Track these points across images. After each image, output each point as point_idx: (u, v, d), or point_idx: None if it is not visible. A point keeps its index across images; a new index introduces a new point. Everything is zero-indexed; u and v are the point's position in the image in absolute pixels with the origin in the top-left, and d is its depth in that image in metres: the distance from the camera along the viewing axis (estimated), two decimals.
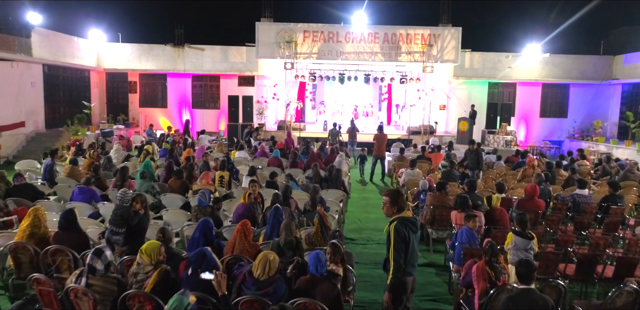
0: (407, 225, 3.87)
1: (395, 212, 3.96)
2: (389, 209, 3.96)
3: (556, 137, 21.86)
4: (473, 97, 21.57)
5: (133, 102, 21.89)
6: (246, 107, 20.10)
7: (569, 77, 21.41)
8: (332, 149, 12.34)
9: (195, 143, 13.00)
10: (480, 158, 10.86)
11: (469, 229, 5.72)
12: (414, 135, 20.16)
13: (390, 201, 3.94)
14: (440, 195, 7.44)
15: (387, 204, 3.96)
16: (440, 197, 7.42)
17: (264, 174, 9.65)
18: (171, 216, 6.99)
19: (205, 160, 9.90)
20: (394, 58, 20.03)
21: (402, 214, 3.95)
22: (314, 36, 19.94)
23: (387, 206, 3.97)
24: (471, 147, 11.24)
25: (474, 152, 11.00)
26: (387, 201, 3.97)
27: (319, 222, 5.21)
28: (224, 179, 8.98)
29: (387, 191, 4.04)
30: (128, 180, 8.31)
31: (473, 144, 11.19)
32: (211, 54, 21.43)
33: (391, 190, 4.05)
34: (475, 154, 10.91)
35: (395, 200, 3.94)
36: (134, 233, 5.44)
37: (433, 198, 7.38)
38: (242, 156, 12.93)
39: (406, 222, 3.89)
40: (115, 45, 21.49)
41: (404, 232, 3.84)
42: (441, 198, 7.41)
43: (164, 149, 12.29)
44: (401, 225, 3.85)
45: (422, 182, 8.05)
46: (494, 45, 22.03)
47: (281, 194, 6.86)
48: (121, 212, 5.56)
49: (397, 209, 3.95)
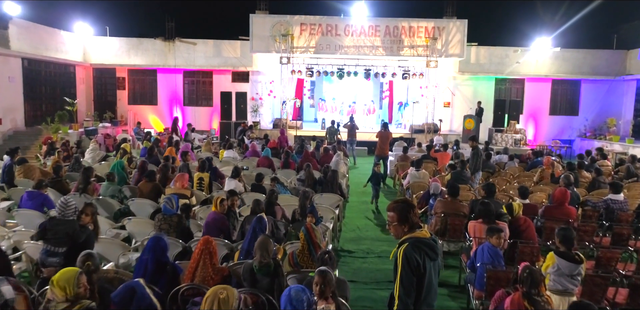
0: (421, 250, 2.79)
1: (406, 231, 2.88)
2: (398, 229, 2.89)
3: (566, 136, 20.75)
4: (479, 93, 20.47)
5: (121, 99, 20.81)
6: (240, 104, 19.05)
7: (580, 72, 20.30)
8: (326, 148, 11.23)
9: (180, 142, 11.92)
10: (478, 157, 9.72)
11: (491, 246, 4.65)
12: (417, 133, 19.09)
13: (399, 217, 2.87)
14: (452, 201, 6.35)
15: (395, 222, 2.89)
16: (453, 203, 6.33)
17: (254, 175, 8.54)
18: (135, 226, 5.91)
19: (185, 161, 8.80)
20: (395, 52, 18.95)
21: (416, 234, 2.87)
22: (312, 29, 18.87)
23: (394, 225, 2.89)
24: (470, 144, 10.09)
25: (472, 151, 9.88)
26: (394, 218, 2.89)
27: (306, 238, 4.13)
28: (203, 182, 7.90)
29: (393, 203, 2.95)
30: (92, 183, 7.23)
31: (473, 140, 10.03)
32: (203, 49, 20.35)
33: (398, 202, 2.95)
34: (474, 153, 9.78)
35: (405, 216, 2.86)
36: (78, 253, 4.35)
37: (444, 204, 6.29)
38: (231, 156, 11.87)
39: (420, 245, 2.81)
40: (102, 39, 20.42)
41: (416, 260, 2.76)
42: (454, 204, 6.32)
43: (144, 148, 11.21)
44: (414, 249, 2.78)
45: (433, 185, 6.96)
46: (502, 39, 21.01)
47: (265, 200, 5.77)
48: (65, 228, 4.48)
49: (408, 227, 2.88)
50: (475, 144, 9.94)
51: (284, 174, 9.92)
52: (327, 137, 16.13)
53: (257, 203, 5.31)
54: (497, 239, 4.68)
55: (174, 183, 6.99)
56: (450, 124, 20.60)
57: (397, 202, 2.98)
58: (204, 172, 7.93)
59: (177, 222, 5.08)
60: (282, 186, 7.76)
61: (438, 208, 6.24)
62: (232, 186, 7.73)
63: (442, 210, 6.19)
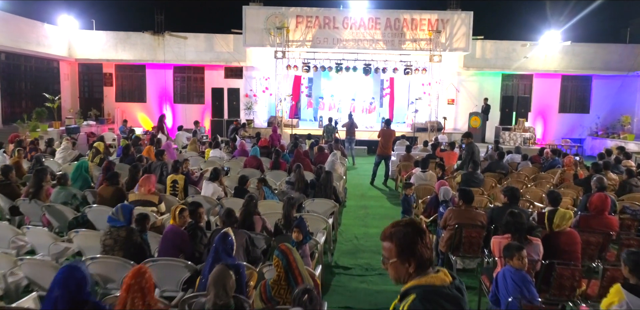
0: (438, 305, 1.75)
1: (412, 273, 1.85)
2: (399, 270, 1.86)
3: (577, 135, 19.71)
4: (485, 90, 19.42)
5: (108, 96, 19.77)
6: (232, 101, 18.00)
7: (591, 68, 19.26)
8: (321, 147, 10.18)
9: (161, 140, 10.87)
10: (474, 156, 8.77)
11: (514, 271, 3.61)
12: (420, 132, 18.05)
13: (400, 250, 1.84)
14: (467, 209, 5.31)
15: (394, 259, 1.85)
16: (468, 211, 5.29)
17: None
18: (84, 240, 4.87)
19: (162, 160, 7.76)
20: (397, 46, 17.92)
21: (428, 278, 1.83)
22: (308, 22, 17.84)
23: (394, 263, 1.87)
24: (465, 141, 9.17)
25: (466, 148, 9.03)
26: (391, 251, 1.87)
27: (284, 266, 3.09)
28: (177, 185, 6.86)
29: (391, 228, 1.92)
30: (45, 186, 6.20)
31: (468, 137, 9.09)
32: (194, 43, 19.32)
33: (399, 226, 1.91)
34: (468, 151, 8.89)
35: (409, 249, 1.83)
36: None
37: (458, 214, 5.24)
38: (217, 155, 10.83)
39: (436, 298, 1.77)
40: (88, 33, 19.39)
41: None
42: (469, 213, 5.28)
43: (120, 147, 10.18)
44: (425, 304, 1.74)
45: (443, 190, 5.91)
46: (509, 32, 19.88)
47: (241, 209, 4.74)
48: None
49: (415, 267, 1.84)
50: (470, 141, 9.01)
51: (273, 176, 8.88)
52: (324, 135, 15.11)
53: (228, 214, 4.26)
54: (518, 260, 3.65)
55: (138, 187, 5.95)
56: (454, 122, 19.57)
57: (397, 225, 1.93)
58: (177, 174, 6.89)
59: (126, 237, 4.05)
60: (269, 190, 6.72)
61: (450, 218, 5.19)
62: (210, 191, 6.70)
63: (455, 220, 5.14)
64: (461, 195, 5.43)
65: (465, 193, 5.41)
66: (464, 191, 5.44)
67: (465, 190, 5.46)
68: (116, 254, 4.02)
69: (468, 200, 5.38)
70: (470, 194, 5.44)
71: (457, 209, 5.31)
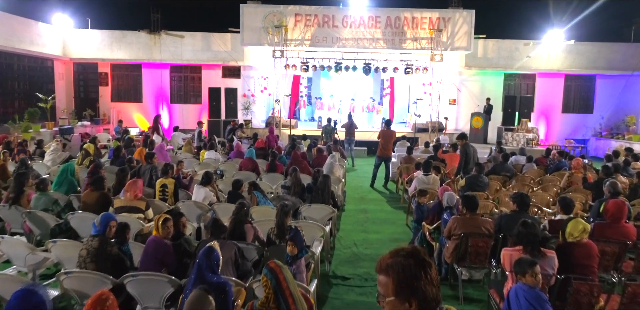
0: None
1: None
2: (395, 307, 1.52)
3: (580, 135, 19.37)
4: (487, 89, 19.09)
5: (104, 96, 19.42)
6: (229, 101, 17.67)
7: (595, 67, 18.91)
8: (320, 149, 9.84)
9: (154, 142, 10.54)
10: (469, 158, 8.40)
11: (527, 289, 3.29)
12: (421, 132, 17.71)
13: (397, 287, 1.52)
14: (472, 218, 4.98)
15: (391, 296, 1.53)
16: (473, 220, 4.95)
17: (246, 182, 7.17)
18: (63, 251, 4.54)
19: (152, 163, 7.41)
20: (397, 45, 17.58)
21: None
22: (307, 20, 17.50)
23: (390, 302, 1.54)
24: (460, 143, 8.76)
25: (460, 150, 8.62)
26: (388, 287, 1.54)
27: (272, 286, 2.75)
28: (167, 189, 6.52)
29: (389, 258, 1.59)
30: (27, 191, 5.87)
31: (462, 138, 8.68)
32: (191, 42, 18.98)
33: (397, 256, 1.59)
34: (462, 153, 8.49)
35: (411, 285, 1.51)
36: None
37: (463, 222, 4.91)
38: (212, 157, 10.49)
39: None
40: (83, 32, 19.04)
41: None
42: (474, 221, 4.94)
43: (111, 149, 9.84)
44: None
45: (447, 196, 5.57)
46: (511, 31, 19.55)
47: (231, 218, 4.41)
48: None
49: (416, 308, 1.51)
50: (465, 142, 8.63)
51: (269, 179, 8.57)
52: (322, 136, 14.79)
53: (215, 225, 3.93)
54: (531, 276, 3.32)
55: (124, 193, 5.61)
56: (455, 122, 19.23)
57: (395, 255, 1.59)
58: (167, 178, 6.55)
59: (97, 248, 3.71)
60: (261, 195, 6.39)
61: (455, 228, 4.86)
62: (201, 195, 6.37)
63: (460, 230, 4.81)
64: (465, 202, 5.09)
65: (469, 200, 5.08)
66: (468, 198, 5.10)
67: (468, 197, 5.12)
68: (88, 266, 3.69)
69: (472, 207, 5.04)
70: (474, 200, 5.10)
71: (461, 217, 4.97)
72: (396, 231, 7.71)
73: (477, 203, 5.06)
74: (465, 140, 8.69)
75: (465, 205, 5.05)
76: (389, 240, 7.19)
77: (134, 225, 5.24)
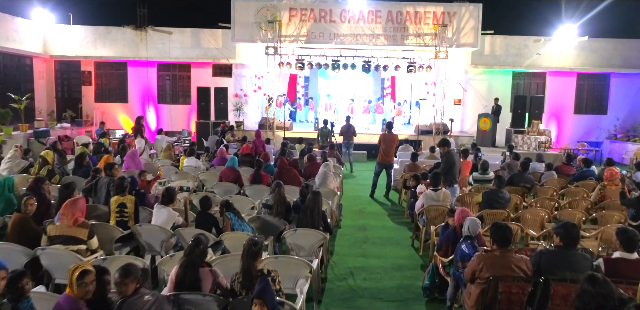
0: None
1: None
2: None
3: (594, 138, 18.24)
4: (494, 89, 17.96)
5: (87, 96, 18.26)
6: (219, 101, 16.51)
7: (610, 65, 17.80)
8: (311, 156, 8.65)
9: (127, 147, 9.37)
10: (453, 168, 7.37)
11: None
12: (424, 135, 16.57)
13: None
14: (503, 255, 3.81)
15: None
16: (504, 258, 3.78)
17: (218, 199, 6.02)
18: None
19: (111, 175, 6.24)
20: (399, 41, 16.44)
21: None
22: (302, 15, 16.37)
23: None
24: (441, 150, 7.76)
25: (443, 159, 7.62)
26: None
27: None
28: (125, 209, 5.37)
29: None
30: None
31: (444, 145, 7.66)
32: (180, 38, 17.85)
33: None
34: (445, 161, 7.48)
35: None
36: None
37: (492, 262, 3.74)
38: (193, 165, 9.34)
39: None
40: (64, 28, 17.92)
41: None
42: (505, 260, 3.77)
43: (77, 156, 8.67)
44: None
45: (470, 222, 4.37)
46: (520, 26, 18.47)
47: (184, 259, 3.26)
48: None
49: None
50: (447, 150, 7.55)
51: (253, 192, 7.42)
52: (319, 139, 13.64)
53: (143, 276, 2.76)
54: None
55: (60, 217, 4.45)
56: (461, 124, 18.09)
57: None
58: (125, 195, 5.40)
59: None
60: (236, 217, 5.23)
61: (482, 269, 3.70)
62: (163, 217, 5.22)
63: (489, 272, 3.65)
64: (495, 235, 3.91)
65: (501, 232, 3.89)
66: (499, 230, 3.91)
67: (500, 228, 3.92)
68: None
69: (504, 242, 3.88)
70: (507, 233, 3.93)
71: (490, 255, 3.81)
72: (401, 254, 6.56)
73: (510, 236, 3.90)
74: (448, 148, 7.64)
75: (496, 238, 3.89)
76: (392, 267, 6.04)
77: (69, 260, 4.11)
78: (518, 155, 9.98)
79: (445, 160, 7.49)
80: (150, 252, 5.23)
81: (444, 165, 7.46)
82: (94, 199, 6.16)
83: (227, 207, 5.21)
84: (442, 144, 7.71)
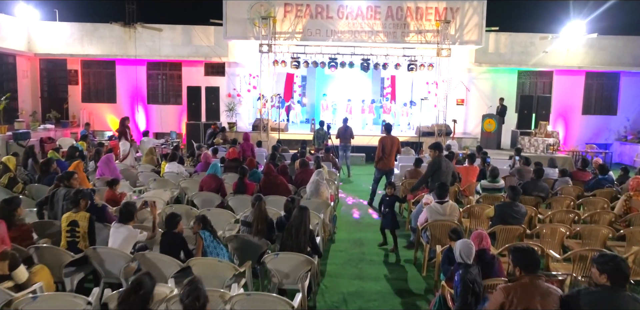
0: None
1: None
2: None
3: (602, 140, 17.47)
4: (498, 88, 17.19)
5: (73, 96, 17.49)
6: (210, 101, 15.73)
7: (620, 63, 17.02)
8: (303, 162, 7.83)
9: (100, 151, 8.59)
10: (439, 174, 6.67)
11: None
12: (426, 137, 15.79)
13: None
14: (533, 283, 3.04)
15: None
16: (536, 287, 3.01)
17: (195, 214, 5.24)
18: None
19: (69, 186, 5.46)
20: (399, 39, 15.67)
21: None
22: (298, 11, 15.61)
23: None
24: (431, 154, 7.09)
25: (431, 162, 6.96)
26: None
27: None
28: (77, 228, 4.59)
29: None
30: None
31: (435, 149, 6.96)
32: (170, 36, 17.07)
33: None
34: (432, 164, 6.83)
35: None
36: None
37: (523, 293, 2.96)
38: (174, 171, 8.56)
39: None
40: (50, 25, 17.14)
41: None
42: (538, 289, 3.00)
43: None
44: None
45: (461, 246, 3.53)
46: (526, 23, 17.74)
47: (117, 308, 2.49)
48: None
49: None
50: (438, 154, 6.84)
51: (237, 203, 6.64)
52: (314, 142, 12.87)
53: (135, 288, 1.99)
54: None
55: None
56: (464, 125, 17.32)
57: None
58: (78, 212, 4.62)
59: None
60: (211, 236, 4.45)
61: (512, 302, 2.91)
62: (120, 238, 4.44)
63: (522, 305, 2.87)
64: (520, 261, 3.14)
65: (527, 256, 3.13)
66: (524, 253, 3.15)
67: (524, 252, 3.16)
68: None
69: (534, 267, 3.12)
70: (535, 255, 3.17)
71: (519, 284, 3.03)
72: (401, 276, 5.79)
73: (539, 260, 3.14)
74: (440, 152, 6.86)
75: (523, 264, 3.13)
76: (392, 292, 5.27)
77: None
78: (529, 160, 9.19)
79: (431, 163, 6.83)
80: (108, 278, 4.46)
81: (429, 169, 6.80)
82: (50, 213, 5.38)
83: (203, 224, 4.43)
84: (434, 148, 6.98)
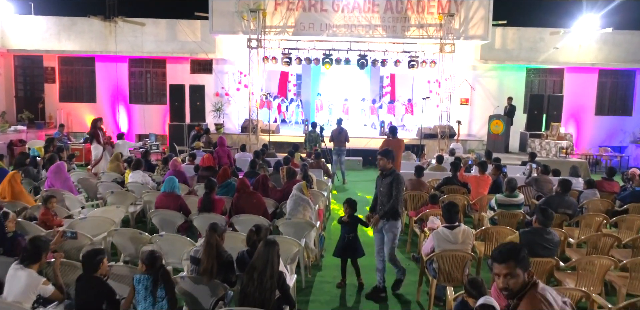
0: None
1: None
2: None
3: (617, 142, 16.34)
4: (505, 87, 16.06)
5: (50, 95, 16.35)
6: (195, 101, 14.58)
7: (635, 60, 15.90)
8: (291, 170, 6.62)
9: (54, 158, 7.42)
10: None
11: None
12: (428, 139, 14.65)
13: None
14: None
15: None
16: None
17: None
18: None
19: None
20: (400, 33, 14.55)
21: None
22: (289, 3, 14.50)
23: None
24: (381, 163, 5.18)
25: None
26: None
27: None
28: None
29: None
30: None
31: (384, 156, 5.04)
32: (154, 31, 15.94)
33: None
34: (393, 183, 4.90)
35: None
36: None
37: None
38: (139, 180, 7.39)
39: None
40: (25, 19, 16.03)
41: None
42: None
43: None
44: None
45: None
46: (535, 17, 16.61)
47: None
48: None
49: None
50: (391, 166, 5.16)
51: (204, 223, 5.46)
52: (305, 145, 11.70)
53: None
54: None
55: None
56: (469, 126, 16.17)
57: None
58: None
59: None
60: (151, 281, 3.29)
61: None
62: (19, 286, 3.26)
63: None
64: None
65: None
66: None
67: None
68: None
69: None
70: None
71: None
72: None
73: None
74: (391, 162, 5.13)
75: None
76: None
77: None
78: (548, 168, 8.02)
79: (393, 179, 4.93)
80: None
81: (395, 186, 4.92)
82: None
83: (151, 265, 3.24)
84: (384, 155, 4.99)
